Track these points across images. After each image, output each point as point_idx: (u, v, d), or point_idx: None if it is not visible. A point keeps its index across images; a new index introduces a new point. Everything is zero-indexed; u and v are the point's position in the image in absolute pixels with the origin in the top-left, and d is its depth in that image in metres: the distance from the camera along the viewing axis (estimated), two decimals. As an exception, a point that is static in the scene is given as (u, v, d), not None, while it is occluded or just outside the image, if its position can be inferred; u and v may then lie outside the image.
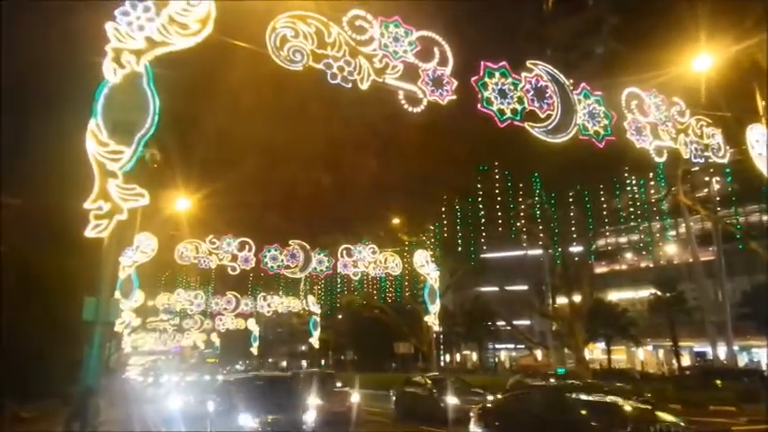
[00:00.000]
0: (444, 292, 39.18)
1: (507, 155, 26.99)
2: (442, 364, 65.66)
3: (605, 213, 30.67)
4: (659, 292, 51.26)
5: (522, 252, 57.31)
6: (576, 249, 33.04)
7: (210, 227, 31.94)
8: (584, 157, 20.63)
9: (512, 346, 72.73)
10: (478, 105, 13.25)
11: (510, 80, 13.65)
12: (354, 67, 11.90)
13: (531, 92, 13.86)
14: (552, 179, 28.20)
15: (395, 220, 39.37)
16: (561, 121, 14.08)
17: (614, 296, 59.88)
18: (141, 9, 10.27)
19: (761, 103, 18.24)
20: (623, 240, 60.50)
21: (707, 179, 39.88)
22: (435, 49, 12.81)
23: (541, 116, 13.88)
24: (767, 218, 48.07)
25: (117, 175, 9.41)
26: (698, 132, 16.47)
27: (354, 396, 21.01)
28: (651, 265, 59.39)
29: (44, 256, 20.83)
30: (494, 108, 13.33)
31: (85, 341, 8.72)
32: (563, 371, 35.97)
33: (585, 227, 30.67)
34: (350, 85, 11.91)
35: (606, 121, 14.84)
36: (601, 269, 61.39)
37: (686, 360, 52.99)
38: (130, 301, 28.71)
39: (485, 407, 15.69)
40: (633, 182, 28.72)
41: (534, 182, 29.18)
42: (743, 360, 49.58)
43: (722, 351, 48.93)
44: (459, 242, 34.10)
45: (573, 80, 14.67)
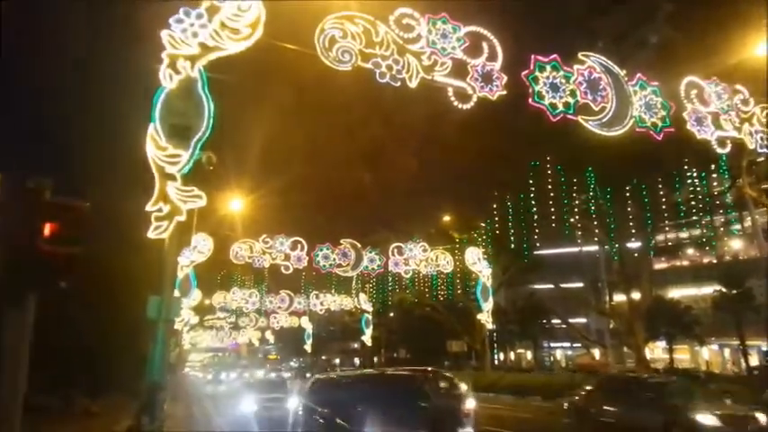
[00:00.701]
0: (497, 290, 38.67)
1: (559, 149, 26.42)
2: (496, 362, 64.87)
3: (665, 208, 29.56)
4: (724, 289, 48.95)
5: (577, 248, 55.91)
6: (635, 245, 32.00)
7: (264, 226, 32.65)
8: (641, 149, 19.96)
9: (567, 344, 71.08)
10: (529, 100, 13.02)
11: (562, 73, 13.35)
12: (402, 65, 11.90)
13: (584, 84, 13.52)
14: (607, 173, 27.42)
15: (445, 218, 39.16)
16: (616, 113, 13.68)
17: (676, 293, 57.57)
18: (194, 16, 10.57)
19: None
20: (684, 235, 58.05)
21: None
22: (484, 44, 12.66)
23: (595, 109, 13.52)
24: (842, 209, 45.21)
25: (176, 178, 9.72)
26: (763, 121, 15.66)
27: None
28: (715, 261, 56.80)
29: (109, 256, 21.73)
30: (545, 102, 13.08)
31: (150, 338, 9.07)
32: None
33: (644, 222, 29.65)
34: (398, 84, 11.92)
35: (664, 113, 14.31)
36: (661, 265, 59.16)
37: (754, 359, 50.46)
38: (189, 299, 29.63)
39: None
40: (694, 174, 27.55)
41: (588, 176, 28.44)
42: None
43: (794, 350, 46.34)
44: (512, 239, 33.61)
45: (627, 71, 14.23)
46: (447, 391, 15.76)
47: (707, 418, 12.84)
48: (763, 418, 13.01)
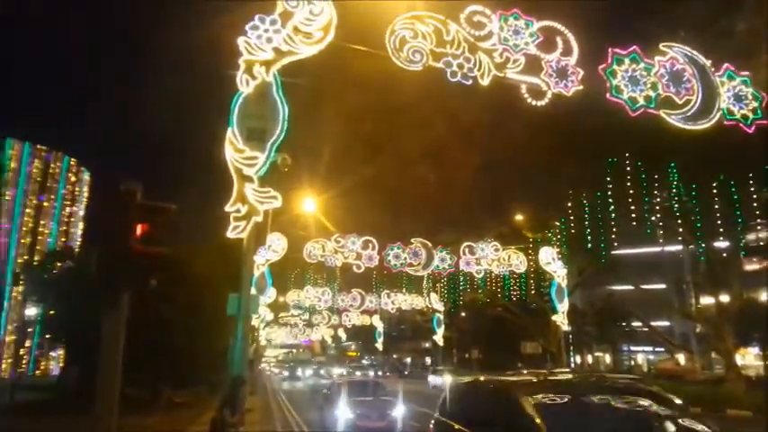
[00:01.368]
0: (572, 291, 37.50)
1: (639, 144, 25.26)
2: (572, 365, 62.89)
3: (756, 205, 27.60)
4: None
5: (659, 248, 53.26)
6: (723, 244, 30.09)
7: (335, 226, 33.22)
8: (729, 143, 18.74)
9: (649, 348, 67.82)
10: (607, 95, 12.55)
11: (642, 65, 12.77)
12: (474, 63, 11.78)
13: (666, 77, 12.86)
14: (692, 169, 25.92)
15: (518, 217, 38.37)
16: (702, 106, 12.92)
17: (770, 296, 53.67)
18: (269, 22, 10.91)
19: None
20: (779, 234, 54.05)
21: None
22: (558, 38, 12.32)
23: (679, 102, 12.84)
24: None
25: (253, 180, 10.08)
26: None
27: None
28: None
29: (190, 255, 22.82)
30: (624, 96, 12.56)
31: (230, 334, 9.46)
32: None
33: (733, 220, 27.82)
34: (470, 82, 11.81)
35: (755, 104, 13.38)
36: (752, 266, 55.35)
37: None
38: (264, 297, 30.61)
39: None
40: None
41: (671, 172, 26.99)
42: None
43: None
44: (588, 238, 32.47)
45: (713, 61, 13.41)
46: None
47: None
48: None
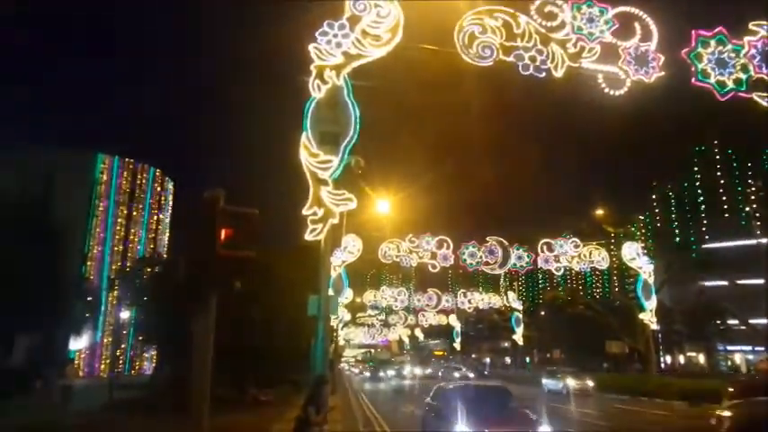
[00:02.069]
0: (660, 287, 35.68)
1: (729, 131, 23.72)
2: (662, 365, 59.87)
3: None
4: None
5: (755, 240, 49.75)
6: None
7: (409, 226, 33.28)
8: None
9: (748, 348, 63.46)
10: (692, 79, 11.85)
11: (729, 47, 11.98)
12: (547, 55, 11.45)
13: (758, 57, 11.99)
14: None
15: (598, 212, 36.97)
16: (801, 85, 11.96)
17: None
18: (337, 27, 11.08)
19: None
20: None
21: None
22: (636, 24, 11.76)
23: (773, 83, 11.94)
24: None
25: (328, 183, 10.27)
26: None
27: None
28: None
29: (270, 258, 23.54)
30: (711, 80, 11.82)
31: (311, 335, 9.69)
32: None
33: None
34: (543, 75, 11.49)
35: None
36: None
37: None
38: (342, 297, 31.11)
39: None
40: None
41: (766, 159, 25.15)
42: None
43: None
44: (676, 232, 30.76)
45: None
46: None
47: None
48: None
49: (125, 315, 43.50)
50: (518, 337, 47.77)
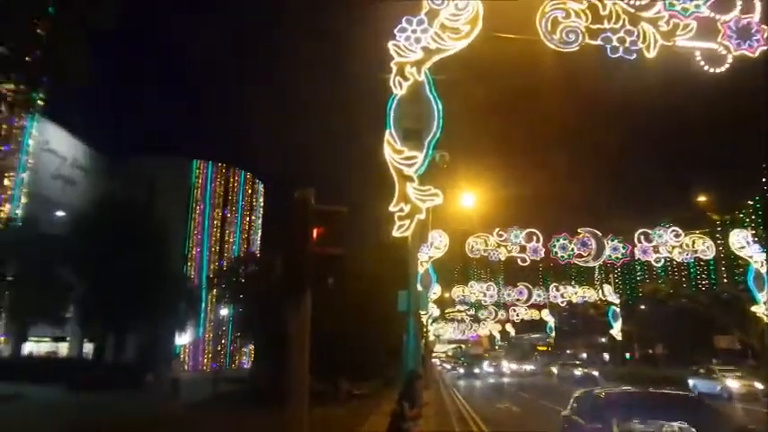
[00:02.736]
0: (775, 277, 32.88)
1: None
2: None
3: None
4: None
5: None
6: None
7: (497, 220, 32.75)
8: None
9: None
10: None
11: None
12: (637, 35, 10.85)
13: None
14: None
15: (700, 198, 34.63)
16: None
17: None
18: (416, 23, 11.06)
19: None
20: None
21: None
22: (736, -6, 10.89)
23: None
24: None
25: (413, 179, 10.30)
26: None
27: None
28: None
29: (360, 255, 24.00)
30: (827, 49, 10.72)
31: (401, 330, 9.79)
32: None
33: None
34: (633, 57, 10.92)
35: None
36: None
37: None
38: (430, 293, 31.12)
39: None
40: None
41: None
42: None
43: None
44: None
45: None
46: None
47: None
48: None
49: (224, 312, 45.90)
50: (616, 332, 45.76)
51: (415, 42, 11.04)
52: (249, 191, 62.54)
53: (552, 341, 64.93)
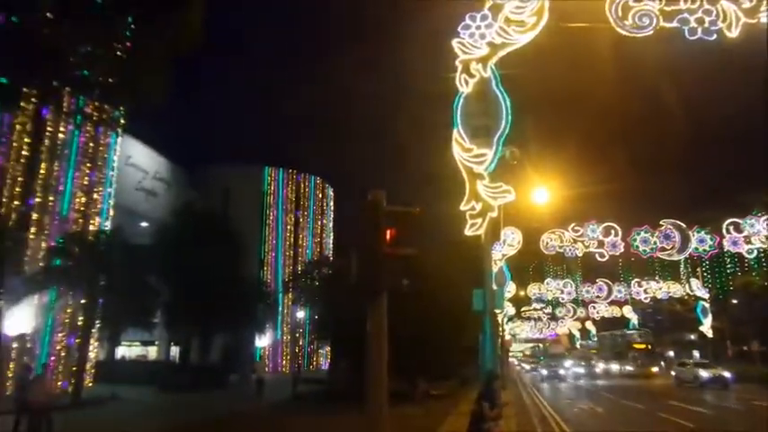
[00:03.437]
0: None
1: None
2: None
3: None
4: None
5: None
6: None
7: (572, 215, 31.76)
8: None
9: None
10: None
11: None
12: (717, 14, 10.27)
13: None
14: None
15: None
16: None
17: None
18: (480, 18, 10.92)
19: None
20: None
21: None
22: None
23: None
24: None
25: (484, 177, 10.16)
26: None
27: None
28: None
29: (432, 255, 23.88)
30: None
31: (476, 330, 9.67)
32: None
33: None
34: (713, 37, 10.33)
35: None
36: None
37: None
38: (504, 291, 30.62)
39: None
40: None
41: None
42: None
43: None
44: None
45: None
46: None
47: None
48: None
49: (300, 315, 46.99)
50: (706, 328, 43.28)
51: (479, 38, 10.90)
52: (320, 195, 63.71)
53: (651, 338, 60.43)
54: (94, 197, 28.05)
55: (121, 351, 42.99)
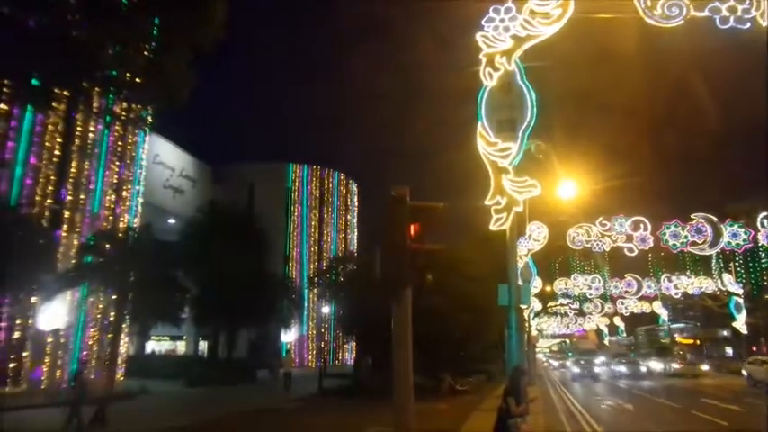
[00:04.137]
0: None
1: None
2: None
3: None
4: None
5: None
6: None
7: (599, 209, 31.25)
8: None
9: None
10: None
11: None
12: (750, 3, 9.99)
13: None
14: None
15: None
16: None
17: None
18: (503, 11, 10.81)
19: None
20: None
21: None
22: None
23: None
24: None
25: (509, 171, 10.06)
26: None
27: None
28: None
29: (455, 250, 23.78)
30: None
31: (502, 325, 9.59)
32: None
33: None
34: (747, 26, 10.06)
35: None
36: None
37: None
38: (530, 286, 30.33)
39: None
40: None
41: None
42: None
43: None
44: None
45: None
46: None
47: None
48: None
49: (325, 310, 47.28)
50: (740, 324, 42.25)
51: (503, 31, 10.79)
52: (344, 191, 63.84)
53: (699, 332, 57.33)
54: (123, 195, 28.55)
55: (151, 346, 43.83)
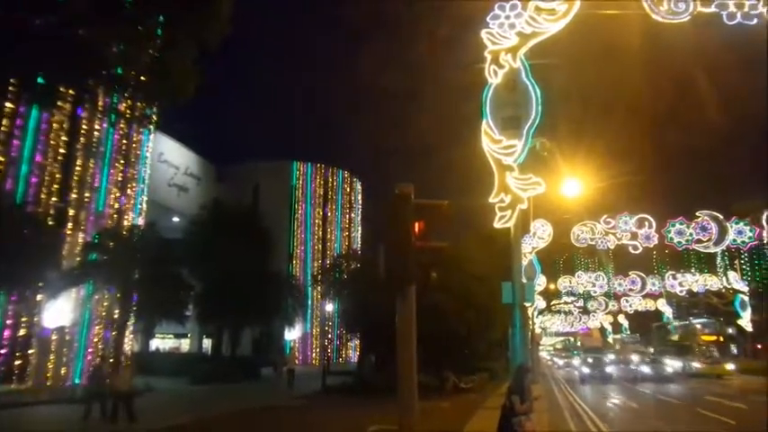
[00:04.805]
0: None
1: None
2: None
3: None
4: None
5: None
6: None
7: (604, 206, 31.15)
8: None
9: None
10: None
11: None
12: (756, -1, 9.96)
13: None
14: None
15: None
16: None
17: None
18: (509, 8, 10.76)
19: None
20: None
21: None
22: None
23: None
24: None
25: (513, 168, 10.04)
26: None
27: None
28: None
29: (459, 248, 23.78)
30: None
31: (505, 323, 9.59)
32: None
33: None
34: (754, 21, 10.01)
35: None
36: None
37: None
38: (534, 284, 30.28)
39: None
40: None
41: None
42: None
43: None
44: None
45: None
46: None
47: None
48: None
49: (329, 308, 47.29)
50: (745, 322, 42.10)
51: (509, 28, 10.75)
52: (348, 189, 63.78)
53: (724, 329, 54.25)
54: (128, 193, 28.65)
55: (155, 343, 43.97)
